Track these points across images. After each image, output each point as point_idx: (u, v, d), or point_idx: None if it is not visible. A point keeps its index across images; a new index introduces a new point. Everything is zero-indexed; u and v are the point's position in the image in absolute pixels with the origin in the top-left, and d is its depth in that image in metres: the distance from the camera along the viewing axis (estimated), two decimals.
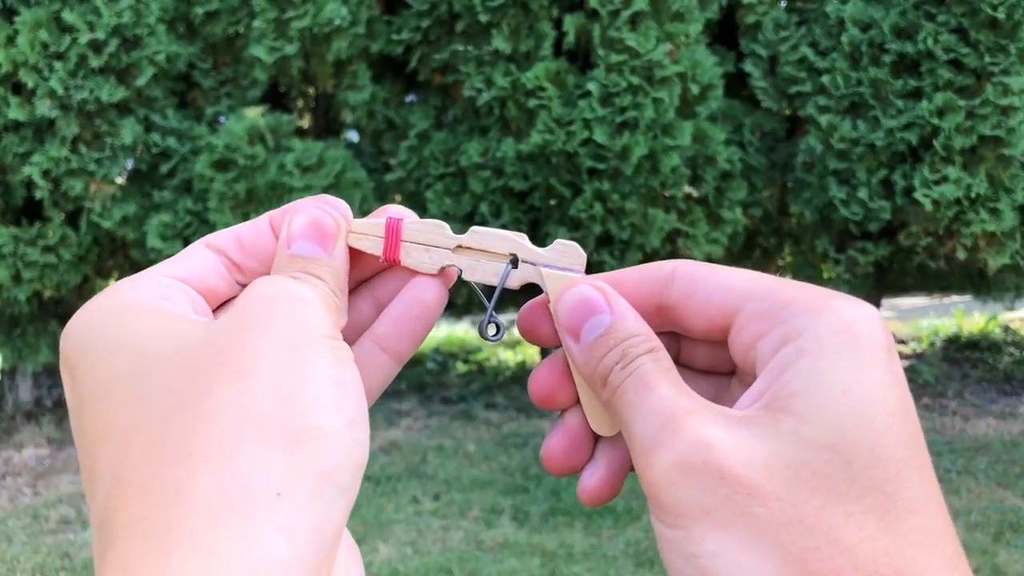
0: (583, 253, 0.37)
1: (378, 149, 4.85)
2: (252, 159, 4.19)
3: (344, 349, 0.32)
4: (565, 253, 0.37)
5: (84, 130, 4.28)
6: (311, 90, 5.17)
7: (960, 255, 4.33)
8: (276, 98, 5.03)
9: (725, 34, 4.86)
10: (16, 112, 4.14)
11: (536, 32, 4.36)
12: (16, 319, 4.64)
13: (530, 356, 6.38)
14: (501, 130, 4.44)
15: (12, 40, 4.19)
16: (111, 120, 4.30)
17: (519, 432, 4.51)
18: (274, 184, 4.22)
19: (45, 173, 4.21)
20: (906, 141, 4.19)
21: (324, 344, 0.31)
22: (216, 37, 4.53)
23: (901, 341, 6.14)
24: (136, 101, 4.39)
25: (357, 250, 0.37)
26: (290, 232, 0.35)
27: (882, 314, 0.33)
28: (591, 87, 4.20)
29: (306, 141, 4.48)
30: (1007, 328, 6.30)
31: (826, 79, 4.35)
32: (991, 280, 4.74)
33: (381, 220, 0.37)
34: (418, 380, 5.63)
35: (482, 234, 0.38)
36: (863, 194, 4.26)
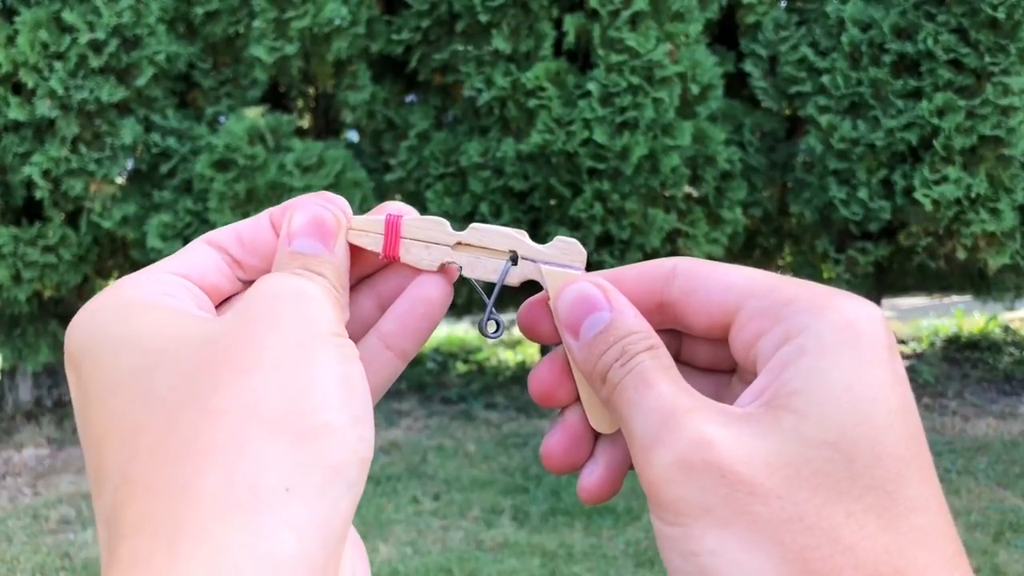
0: (583, 250, 0.37)
1: (378, 149, 4.85)
2: (252, 159, 4.19)
3: (349, 346, 0.32)
4: (565, 250, 0.37)
5: (84, 130, 4.28)
6: (311, 90, 5.17)
7: (960, 255, 4.33)
8: (276, 98, 5.03)
9: (725, 34, 4.86)
10: (16, 112, 4.14)
11: (536, 32, 4.36)
12: (16, 319, 4.64)
13: (530, 356, 6.38)
14: (501, 130, 4.44)
15: (12, 40, 4.19)
16: (111, 120, 4.30)
17: (519, 432, 4.51)
18: (274, 184, 4.22)
19: (45, 173, 4.21)
20: (906, 141, 4.19)
21: (329, 341, 0.31)
22: (216, 37, 4.53)
23: (901, 341, 6.14)
24: (136, 101, 4.39)
25: (358, 247, 0.37)
26: (291, 229, 0.35)
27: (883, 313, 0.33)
28: (591, 87, 4.20)
29: (306, 141, 4.48)
30: (1007, 328, 6.30)
31: (826, 79, 4.35)
32: (991, 280, 4.74)
33: (381, 217, 0.37)
34: (418, 380, 5.62)
35: (482, 231, 0.38)
36: (863, 194, 4.26)
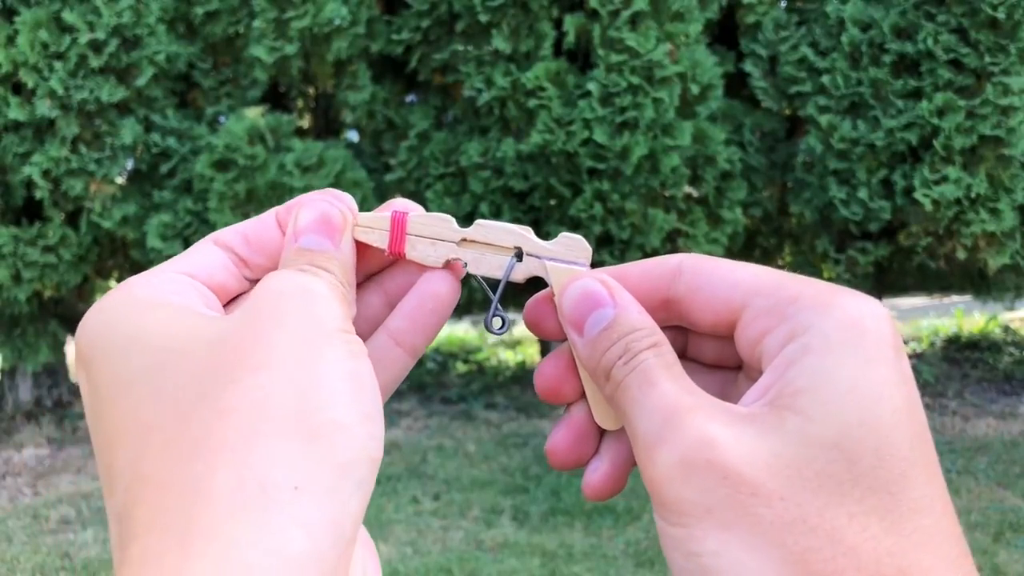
0: (588, 247, 0.37)
1: (378, 149, 4.85)
2: (252, 159, 4.19)
3: (357, 343, 0.32)
4: (570, 247, 0.37)
5: (84, 130, 4.28)
6: (311, 90, 5.17)
7: (960, 255, 4.33)
8: (276, 98, 5.03)
9: (725, 34, 4.86)
10: (16, 112, 4.14)
11: (536, 32, 4.36)
12: (16, 319, 4.64)
13: (530, 356, 6.38)
14: (501, 130, 4.44)
15: (12, 40, 4.19)
16: (111, 120, 4.30)
17: (519, 432, 4.51)
18: (274, 184, 4.21)
19: (45, 173, 4.21)
20: (906, 141, 4.19)
21: (337, 337, 0.31)
22: (216, 37, 4.53)
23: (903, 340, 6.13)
24: (136, 101, 4.39)
25: (365, 244, 0.37)
26: (297, 226, 0.35)
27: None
28: (591, 87, 4.20)
29: (306, 141, 4.48)
30: (1007, 328, 6.30)
31: (826, 79, 4.35)
32: (991, 280, 4.74)
33: (386, 214, 0.37)
34: (418, 380, 5.62)
35: (487, 227, 0.38)
36: (863, 194, 4.26)
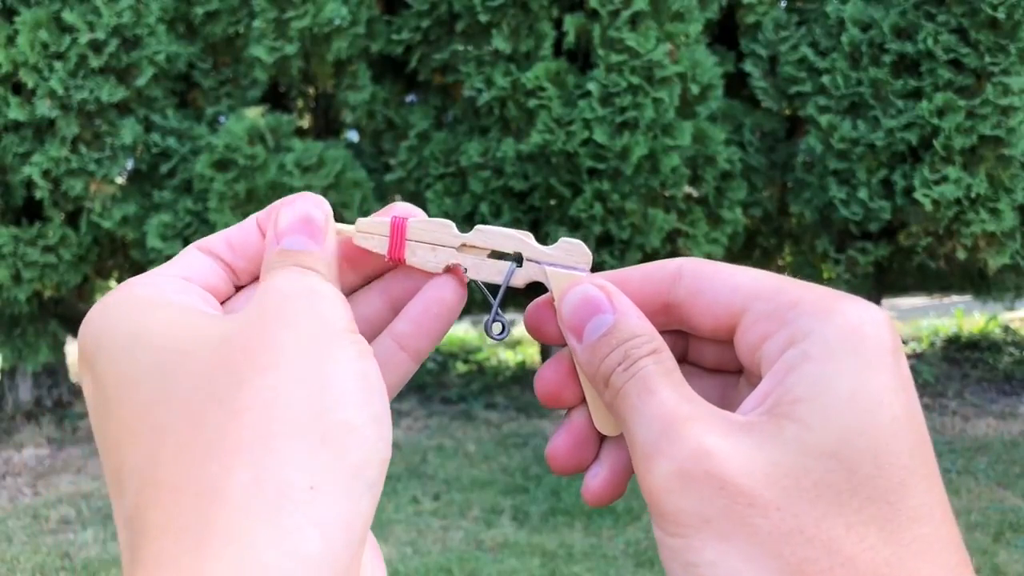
0: (588, 252, 0.37)
1: (378, 149, 4.85)
2: (252, 159, 4.19)
3: (364, 344, 0.32)
4: (570, 251, 0.37)
5: (84, 130, 4.27)
6: (311, 90, 5.17)
7: (960, 255, 4.33)
8: (276, 98, 5.03)
9: (725, 34, 4.86)
10: (16, 112, 4.13)
11: (536, 32, 4.36)
12: (16, 319, 4.64)
13: (530, 356, 6.38)
14: (501, 130, 4.44)
15: (12, 40, 4.19)
16: (111, 120, 4.30)
17: (519, 432, 4.51)
18: (274, 184, 4.21)
19: (45, 173, 4.21)
20: (906, 141, 4.19)
21: (345, 338, 0.31)
22: (216, 37, 4.53)
23: (902, 341, 6.14)
24: (136, 101, 4.39)
25: (364, 250, 0.37)
26: (278, 228, 0.34)
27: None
28: (591, 87, 4.20)
29: (306, 141, 4.48)
30: (1007, 328, 6.30)
31: (826, 79, 4.35)
32: (991, 280, 4.74)
33: (386, 219, 0.37)
34: (418, 380, 5.62)
35: (487, 233, 0.37)
36: (863, 194, 4.26)
